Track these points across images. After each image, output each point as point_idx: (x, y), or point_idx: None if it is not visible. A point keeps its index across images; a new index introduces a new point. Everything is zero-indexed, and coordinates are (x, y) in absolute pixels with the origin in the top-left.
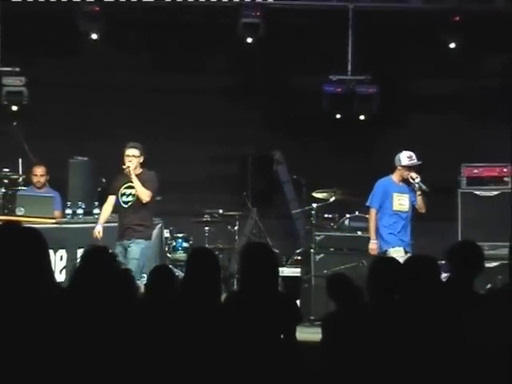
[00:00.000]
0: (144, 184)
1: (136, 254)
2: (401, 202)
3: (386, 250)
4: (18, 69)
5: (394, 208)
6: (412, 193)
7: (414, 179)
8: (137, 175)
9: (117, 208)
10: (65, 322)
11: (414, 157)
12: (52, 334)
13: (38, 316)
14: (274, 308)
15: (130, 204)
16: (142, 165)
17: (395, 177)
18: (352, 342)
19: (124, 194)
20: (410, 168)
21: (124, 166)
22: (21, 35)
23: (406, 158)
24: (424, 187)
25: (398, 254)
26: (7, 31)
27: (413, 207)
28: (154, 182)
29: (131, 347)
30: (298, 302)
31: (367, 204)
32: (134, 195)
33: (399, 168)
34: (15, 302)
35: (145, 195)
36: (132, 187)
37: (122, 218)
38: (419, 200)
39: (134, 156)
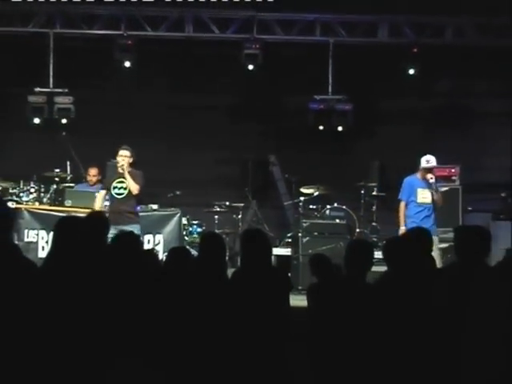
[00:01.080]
0: (134, 180)
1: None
2: (424, 196)
3: None
4: (66, 90)
5: (419, 201)
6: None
7: (428, 179)
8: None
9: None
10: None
11: (431, 160)
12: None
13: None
14: (269, 279)
15: (123, 195)
16: (130, 165)
17: (419, 175)
18: (330, 306)
19: (116, 187)
20: (427, 169)
21: (119, 165)
22: (69, 63)
23: (424, 161)
24: (435, 187)
25: None
26: (58, 60)
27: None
28: (141, 178)
29: (155, 308)
30: (289, 274)
31: (399, 198)
32: (125, 188)
33: (420, 168)
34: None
35: (135, 188)
36: (123, 182)
37: (115, 207)
38: (434, 196)
39: (126, 156)
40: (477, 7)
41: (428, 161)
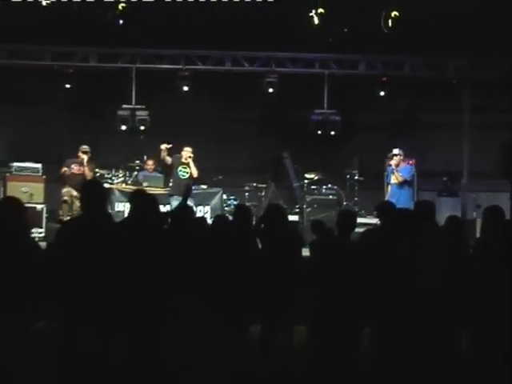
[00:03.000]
0: (196, 167)
1: (191, 202)
2: (393, 179)
3: None
4: (144, 106)
5: (391, 182)
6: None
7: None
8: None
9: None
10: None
11: (393, 151)
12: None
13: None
14: (287, 236)
15: (185, 177)
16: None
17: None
18: (326, 256)
19: (181, 170)
20: (391, 157)
21: (186, 156)
22: (146, 88)
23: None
24: (392, 170)
25: None
26: (138, 86)
27: (407, 181)
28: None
29: (205, 256)
30: None
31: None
32: (187, 172)
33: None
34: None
35: (196, 173)
36: (185, 168)
37: (180, 183)
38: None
39: (190, 152)
40: (426, 50)
41: (391, 151)
